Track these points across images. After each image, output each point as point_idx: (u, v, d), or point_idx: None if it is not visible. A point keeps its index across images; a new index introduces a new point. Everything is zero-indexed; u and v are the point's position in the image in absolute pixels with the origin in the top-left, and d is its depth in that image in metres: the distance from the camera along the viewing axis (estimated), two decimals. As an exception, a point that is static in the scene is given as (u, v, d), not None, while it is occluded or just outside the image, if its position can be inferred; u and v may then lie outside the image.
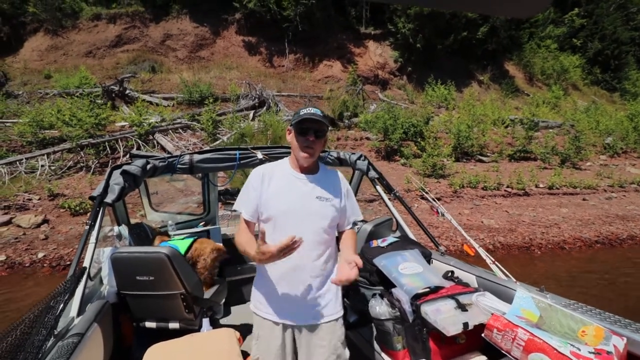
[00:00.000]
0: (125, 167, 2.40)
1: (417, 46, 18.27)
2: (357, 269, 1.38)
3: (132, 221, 3.09)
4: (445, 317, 1.84)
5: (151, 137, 10.73)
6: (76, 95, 11.76)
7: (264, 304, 1.62)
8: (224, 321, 3.11)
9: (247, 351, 2.60)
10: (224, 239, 3.55)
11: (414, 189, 8.80)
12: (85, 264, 1.97)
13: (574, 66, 22.78)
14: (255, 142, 9.69)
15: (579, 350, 1.44)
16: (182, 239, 2.87)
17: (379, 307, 2.05)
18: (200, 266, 2.69)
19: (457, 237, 6.71)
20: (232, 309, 3.36)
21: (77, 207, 6.97)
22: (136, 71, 15.86)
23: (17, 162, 8.74)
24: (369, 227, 2.83)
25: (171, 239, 2.96)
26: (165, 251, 2.08)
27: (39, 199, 7.44)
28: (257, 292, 1.67)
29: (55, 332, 1.51)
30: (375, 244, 2.58)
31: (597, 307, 1.72)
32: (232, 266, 3.74)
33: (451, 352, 1.94)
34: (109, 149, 9.92)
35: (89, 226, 2.06)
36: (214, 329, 2.40)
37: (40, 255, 5.64)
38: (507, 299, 1.96)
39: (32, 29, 16.94)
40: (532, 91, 21.28)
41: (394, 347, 1.99)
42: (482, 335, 1.80)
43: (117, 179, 2.33)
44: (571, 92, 22.53)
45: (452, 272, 2.43)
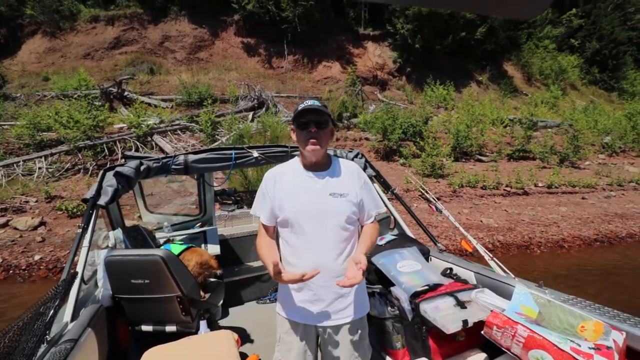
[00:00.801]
0: (118, 169, 2.37)
1: (416, 47, 18.29)
2: (363, 270, 1.33)
3: (129, 223, 3.07)
4: (444, 314, 1.83)
5: (149, 138, 10.71)
6: (74, 97, 11.74)
7: (286, 305, 1.59)
8: (221, 323, 3.08)
9: (246, 353, 2.58)
10: (221, 239, 3.52)
11: (413, 188, 8.78)
12: (78, 268, 1.94)
13: (572, 66, 22.83)
14: (254, 143, 9.67)
15: (579, 346, 1.43)
16: (180, 244, 2.83)
17: (378, 306, 2.04)
18: None
19: (457, 236, 6.69)
20: (230, 311, 3.33)
21: (75, 210, 6.93)
22: (135, 73, 15.83)
23: (15, 165, 8.71)
24: None
25: (173, 242, 2.92)
26: (160, 253, 2.05)
27: (36, 202, 7.40)
28: (280, 293, 1.63)
29: (47, 338, 1.47)
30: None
31: (602, 305, 1.70)
32: (230, 267, 3.71)
33: (451, 350, 1.94)
34: (107, 150, 9.88)
35: (81, 229, 2.03)
36: (211, 331, 2.38)
37: (36, 257, 5.61)
38: (506, 295, 1.95)
39: (30, 31, 16.92)
40: (530, 91, 21.31)
41: (393, 345, 1.98)
42: (482, 332, 1.79)
43: (110, 180, 2.30)
44: (569, 92, 22.56)
45: (451, 269, 2.41)
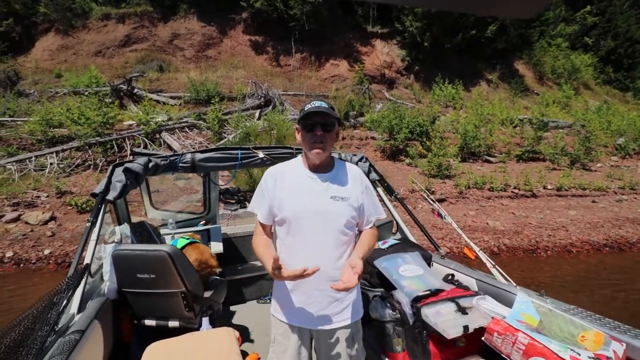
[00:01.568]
0: (127, 165, 2.41)
1: (425, 45, 18.10)
2: (358, 275, 1.31)
3: (136, 219, 3.12)
4: (445, 319, 1.85)
5: (158, 135, 10.84)
6: (85, 94, 11.94)
7: (281, 307, 1.58)
8: (222, 321, 3.13)
9: (247, 351, 2.61)
10: (224, 238, 3.56)
11: (418, 189, 8.73)
12: (86, 261, 1.99)
13: (585, 65, 22.33)
14: (260, 141, 9.71)
15: (579, 355, 1.44)
16: (186, 239, 2.87)
17: (380, 309, 2.06)
18: None
19: (461, 239, 6.64)
20: (232, 309, 3.37)
21: (84, 205, 7.07)
22: (144, 70, 16.02)
23: (27, 160, 8.91)
24: None
25: (181, 237, 2.98)
26: (166, 249, 2.08)
27: (47, 197, 7.57)
28: (276, 295, 1.63)
29: (56, 329, 1.51)
30: (375, 246, 2.58)
31: (603, 313, 1.71)
32: (232, 266, 3.75)
33: (451, 355, 1.95)
34: (116, 147, 10.04)
35: (90, 223, 2.08)
36: (213, 328, 2.42)
37: (46, 251, 5.75)
38: (507, 303, 1.96)
39: (44, 29, 17.23)
40: (542, 90, 20.94)
41: (393, 349, 1.99)
42: (482, 338, 1.80)
43: (119, 176, 2.35)
44: (582, 92, 22.11)
45: (453, 275, 2.42)
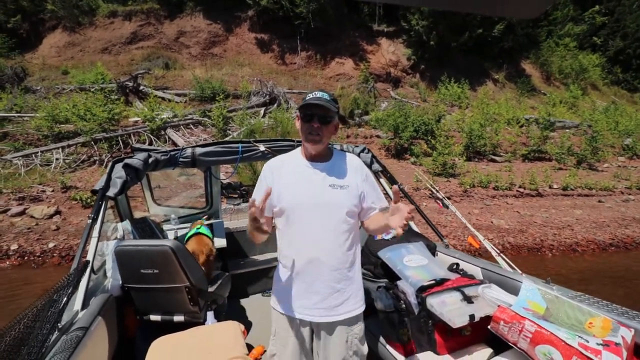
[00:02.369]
0: (127, 161, 2.40)
1: (431, 44, 18.00)
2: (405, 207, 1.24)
3: (140, 215, 3.13)
4: (451, 309, 1.84)
5: (163, 132, 10.89)
6: (91, 90, 12.03)
7: (282, 299, 1.56)
8: (227, 315, 3.13)
9: (251, 344, 2.61)
10: (227, 232, 3.56)
11: (422, 187, 8.69)
12: (88, 257, 1.99)
13: (593, 65, 22.09)
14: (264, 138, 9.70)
15: (587, 342, 1.43)
16: (197, 228, 2.94)
17: (385, 300, 2.05)
18: None
19: (465, 236, 6.59)
20: (235, 303, 3.37)
21: (89, 200, 7.12)
22: (150, 67, 16.09)
23: (33, 155, 9.00)
24: None
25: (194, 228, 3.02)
26: (170, 244, 2.08)
27: (53, 191, 7.63)
28: (276, 287, 1.61)
29: (59, 326, 1.51)
30: (379, 236, 2.56)
31: (610, 302, 1.68)
32: (236, 260, 3.76)
33: (457, 344, 1.94)
34: (121, 143, 10.10)
35: (91, 220, 2.07)
36: (218, 322, 2.42)
37: (50, 245, 5.79)
38: (513, 291, 1.95)
39: (51, 26, 17.38)
40: (549, 90, 20.74)
41: (399, 339, 1.99)
42: (489, 327, 1.79)
43: (119, 172, 2.33)
44: (590, 92, 21.87)
45: (457, 264, 2.42)
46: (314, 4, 17.03)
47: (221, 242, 3.28)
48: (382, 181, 3.04)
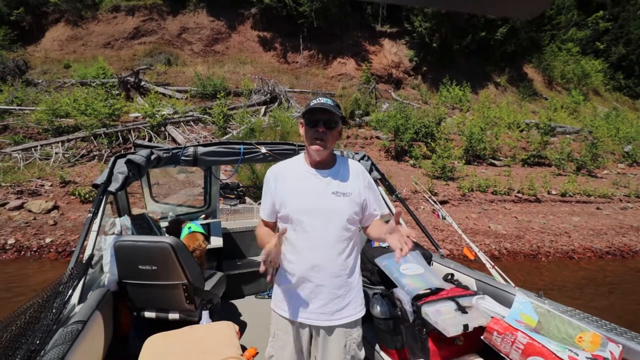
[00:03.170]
0: (129, 157, 2.40)
1: (434, 46, 18.00)
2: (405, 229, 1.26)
3: (138, 212, 3.14)
4: (445, 318, 1.87)
5: (163, 128, 10.89)
6: (92, 85, 12.02)
7: (282, 302, 1.57)
8: (221, 315, 3.15)
9: (244, 345, 2.63)
10: (224, 233, 3.57)
11: (421, 190, 8.70)
12: (87, 252, 2.00)
13: (595, 71, 22.07)
14: (264, 137, 9.72)
15: (577, 355, 1.48)
16: (196, 225, 2.98)
17: (380, 307, 2.07)
18: None
19: (462, 241, 6.60)
20: (229, 303, 3.38)
21: (87, 195, 7.13)
22: (152, 63, 16.09)
23: (33, 149, 9.00)
24: None
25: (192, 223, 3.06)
26: (170, 241, 2.09)
27: (51, 186, 7.64)
28: (277, 290, 1.62)
29: (59, 318, 1.52)
30: (376, 244, 2.60)
31: (600, 318, 1.73)
32: (231, 261, 3.76)
33: (450, 353, 1.97)
34: (121, 139, 10.10)
35: (91, 214, 2.07)
36: (213, 321, 2.43)
37: (47, 240, 5.81)
38: (506, 303, 1.98)
39: (54, 19, 17.36)
40: (550, 95, 20.74)
41: (393, 346, 2.02)
42: (482, 337, 1.83)
43: (121, 167, 2.34)
44: (592, 98, 21.86)
45: (452, 274, 2.45)
46: (317, 3, 17.01)
47: (218, 241, 3.29)
48: (380, 189, 3.05)
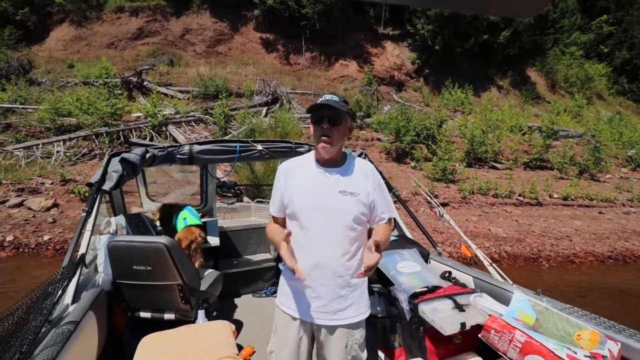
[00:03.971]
0: (124, 155, 2.39)
1: (436, 48, 18.01)
2: (378, 252, 1.29)
3: (136, 210, 3.13)
4: (442, 316, 1.86)
5: (164, 128, 10.92)
6: (95, 84, 12.09)
7: (285, 298, 1.57)
8: (218, 314, 3.12)
9: (241, 344, 2.61)
10: (220, 232, 3.55)
11: (417, 187, 8.66)
12: (81, 251, 1.98)
13: (599, 75, 22.02)
14: (265, 137, 9.72)
15: (575, 353, 1.48)
16: (184, 219, 2.96)
17: (377, 305, 2.06)
18: None
19: (462, 242, 6.55)
20: (226, 302, 3.36)
21: (87, 193, 7.14)
22: (155, 64, 16.18)
23: (34, 147, 9.04)
24: None
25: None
26: (164, 241, 2.07)
27: (52, 184, 7.66)
28: (281, 286, 1.62)
29: (50, 319, 1.50)
30: (388, 242, 2.59)
31: (598, 316, 1.72)
32: (228, 259, 3.74)
33: (447, 352, 1.96)
34: (122, 138, 10.13)
35: (85, 213, 2.05)
36: (209, 321, 2.41)
37: (46, 237, 5.82)
38: (504, 301, 1.97)
39: (58, 20, 17.51)
40: (553, 99, 20.67)
41: (390, 344, 2.00)
42: (479, 335, 1.82)
43: (115, 166, 2.32)
44: (595, 102, 21.78)
45: (450, 272, 2.43)
46: (319, 5, 17.06)
47: (214, 240, 3.27)
48: None
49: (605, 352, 1.46)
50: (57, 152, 9.10)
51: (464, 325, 1.80)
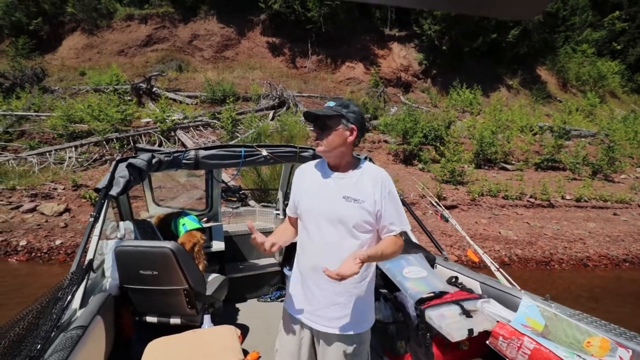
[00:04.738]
0: (131, 161, 2.42)
1: (443, 48, 17.86)
2: (359, 265, 1.25)
3: (144, 215, 3.16)
4: (449, 322, 1.84)
5: (173, 133, 11.06)
6: (106, 91, 12.32)
7: (289, 299, 1.62)
8: (223, 318, 3.13)
9: (246, 349, 2.61)
10: (225, 236, 3.56)
11: (421, 190, 8.56)
12: (89, 256, 2.00)
13: (612, 72, 21.50)
14: (271, 141, 9.75)
15: None
16: (193, 222, 3.00)
17: (383, 310, 2.06)
18: None
19: (469, 246, 6.45)
20: (231, 307, 3.36)
21: (97, 198, 7.25)
22: (164, 70, 16.41)
23: (47, 153, 9.25)
24: None
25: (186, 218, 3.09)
26: (170, 246, 2.09)
27: (64, 189, 7.81)
28: (288, 287, 1.67)
29: (59, 324, 1.52)
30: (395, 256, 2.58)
31: (609, 322, 1.68)
32: (233, 264, 3.75)
33: (454, 358, 1.94)
34: (132, 143, 10.29)
35: (93, 219, 2.08)
36: (215, 325, 2.42)
37: (57, 242, 5.93)
38: (512, 306, 1.95)
39: (70, 29, 17.93)
40: (565, 97, 20.28)
41: (396, 351, 2.00)
42: (487, 342, 1.80)
43: (122, 172, 2.35)
44: (608, 100, 21.29)
45: (456, 277, 2.40)
46: (325, 8, 17.10)
47: (220, 245, 3.28)
48: None
49: (616, 359, 1.44)
50: (69, 158, 9.28)
51: (471, 331, 1.78)
